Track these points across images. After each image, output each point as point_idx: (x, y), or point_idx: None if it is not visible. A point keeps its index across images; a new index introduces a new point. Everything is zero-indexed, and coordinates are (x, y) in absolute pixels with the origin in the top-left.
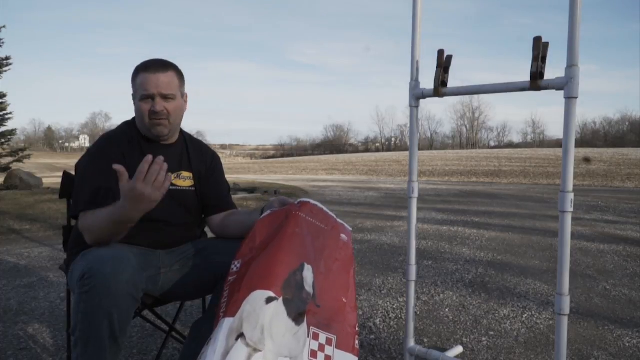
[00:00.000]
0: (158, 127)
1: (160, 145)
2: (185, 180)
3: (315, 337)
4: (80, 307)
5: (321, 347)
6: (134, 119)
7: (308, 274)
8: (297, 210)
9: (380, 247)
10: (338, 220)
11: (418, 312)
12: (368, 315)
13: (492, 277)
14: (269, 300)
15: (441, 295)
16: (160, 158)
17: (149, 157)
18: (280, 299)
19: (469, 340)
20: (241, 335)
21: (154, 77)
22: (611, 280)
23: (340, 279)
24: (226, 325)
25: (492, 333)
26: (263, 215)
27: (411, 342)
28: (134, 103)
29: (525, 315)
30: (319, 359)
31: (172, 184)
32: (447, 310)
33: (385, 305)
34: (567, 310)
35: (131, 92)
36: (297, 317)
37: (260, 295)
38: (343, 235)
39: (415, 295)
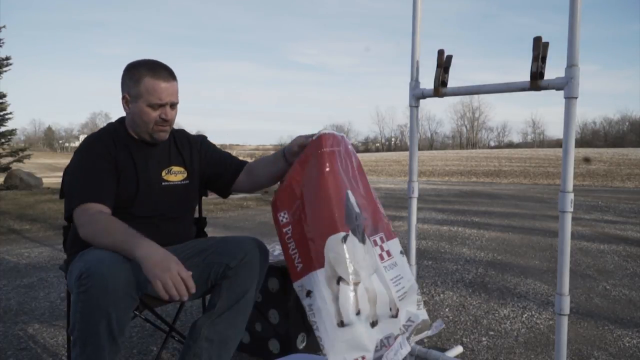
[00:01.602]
0: (162, 134)
1: (149, 144)
2: (176, 174)
3: (375, 243)
4: (78, 307)
5: (381, 248)
6: (119, 120)
7: (352, 198)
8: (320, 148)
9: None
10: (336, 133)
11: None
12: None
13: (492, 277)
14: (344, 239)
15: (441, 295)
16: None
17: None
18: (350, 233)
19: (469, 340)
20: (340, 279)
21: (169, 86)
22: (611, 280)
23: (364, 183)
24: (321, 276)
25: (492, 333)
26: (291, 162)
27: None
28: (133, 105)
29: (525, 315)
30: (384, 258)
31: (164, 180)
32: (447, 310)
33: None
34: (567, 310)
35: (124, 91)
36: (362, 238)
37: (335, 239)
38: (350, 146)
39: None
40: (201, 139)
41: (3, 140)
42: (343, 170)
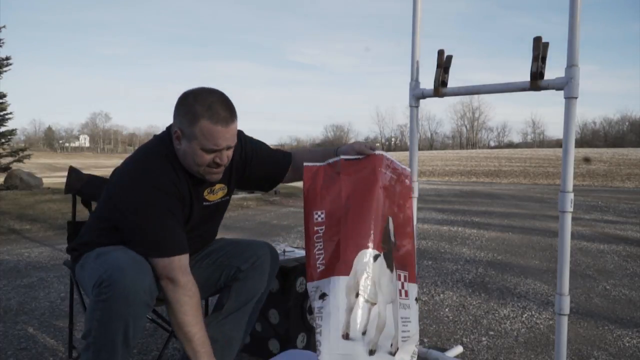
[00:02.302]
0: (214, 175)
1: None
2: (217, 193)
3: (399, 277)
4: (96, 315)
5: (402, 285)
6: (168, 140)
7: (391, 225)
8: (380, 166)
9: None
10: (403, 166)
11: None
12: None
13: (492, 277)
14: (375, 257)
15: (441, 295)
16: None
17: None
18: (382, 255)
19: (469, 340)
20: (359, 293)
21: (228, 130)
22: (611, 280)
23: (406, 218)
24: (342, 283)
25: (492, 333)
26: (344, 159)
27: None
28: (185, 144)
29: (525, 315)
30: (402, 295)
31: (205, 200)
32: (447, 310)
33: None
34: (567, 310)
35: (177, 125)
36: (391, 265)
37: (367, 254)
38: (406, 180)
39: None
40: (247, 145)
41: (3, 140)
42: (392, 198)
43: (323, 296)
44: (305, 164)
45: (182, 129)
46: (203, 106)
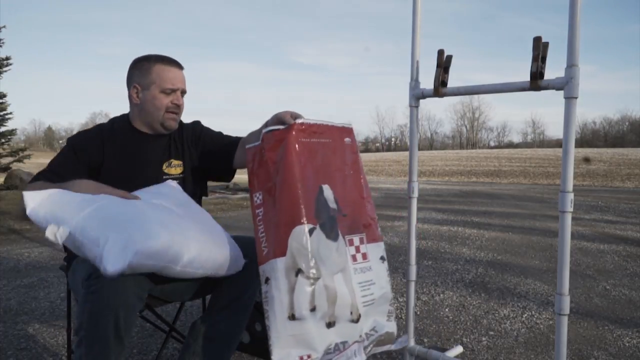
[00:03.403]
0: (172, 121)
1: (149, 137)
2: (175, 168)
3: (351, 242)
4: (86, 307)
5: (357, 249)
6: (122, 115)
7: (328, 192)
8: (295, 139)
9: None
10: (337, 124)
11: (418, 312)
12: None
13: (492, 277)
14: (311, 231)
15: (441, 295)
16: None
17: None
18: (318, 226)
19: (469, 340)
20: (299, 271)
21: (180, 73)
22: (611, 280)
23: (355, 180)
24: (280, 265)
25: (492, 333)
26: (264, 133)
27: (411, 342)
28: (144, 94)
29: (525, 315)
30: (358, 260)
31: (164, 173)
32: (447, 310)
33: None
34: (567, 310)
35: (134, 83)
36: (333, 234)
37: (300, 230)
38: (347, 139)
39: (415, 295)
40: (198, 126)
41: (3, 140)
42: (325, 162)
43: (267, 280)
44: (247, 146)
45: (139, 81)
46: (155, 57)
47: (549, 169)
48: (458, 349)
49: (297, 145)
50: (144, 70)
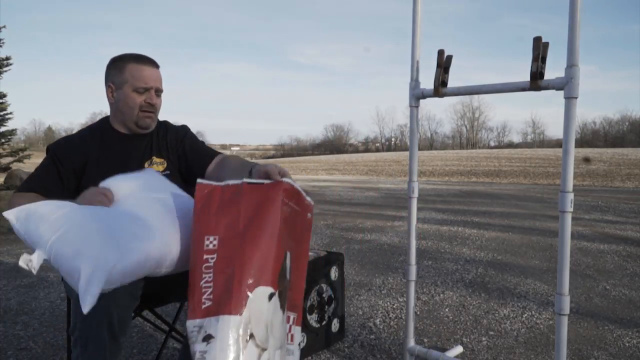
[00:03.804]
0: (147, 120)
1: (132, 137)
2: (158, 165)
3: (288, 319)
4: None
5: (290, 329)
6: (103, 118)
7: (287, 261)
8: (284, 196)
9: (380, 247)
10: (307, 198)
11: (418, 312)
12: (368, 315)
13: (492, 277)
14: (271, 296)
15: (441, 295)
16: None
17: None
18: (277, 293)
19: (469, 340)
20: (252, 336)
21: (154, 71)
22: (611, 280)
23: (304, 257)
24: (232, 323)
25: (492, 333)
26: (247, 183)
27: (411, 342)
28: (118, 93)
29: (525, 315)
30: (289, 340)
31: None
32: (447, 310)
33: (385, 305)
34: (567, 310)
35: (109, 81)
36: (283, 306)
37: (263, 292)
38: (309, 214)
39: (415, 295)
40: (183, 129)
41: (3, 140)
42: (292, 231)
43: (208, 338)
44: (198, 180)
45: (114, 80)
46: (129, 56)
47: (549, 169)
48: (458, 349)
49: (282, 206)
50: (118, 69)
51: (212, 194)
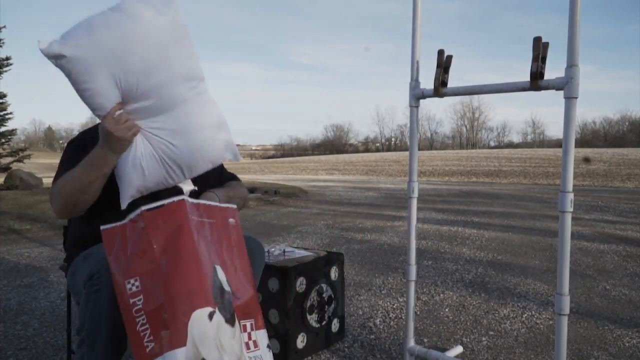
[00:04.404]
0: None
1: None
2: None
3: (244, 328)
4: (88, 307)
5: (249, 336)
6: None
7: (221, 274)
8: (187, 216)
9: (380, 247)
10: (221, 205)
11: (418, 312)
12: (368, 315)
13: (492, 277)
14: (211, 315)
15: (441, 295)
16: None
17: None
18: (217, 310)
19: (469, 340)
20: None
21: None
22: (611, 280)
23: (243, 262)
24: (180, 356)
25: (492, 333)
26: (145, 211)
27: (411, 342)
28: None
29: (525, 315)
30: (250, 347)
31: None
32: (447, 310)
33: (385, 305)
34: (567, 310)
35: None
36: (231, 319)
37: (201, 313)
38: (231, 220)
39: (415, 295)
40: None
41: (3, 140)
42: (214, 243)
43: None
44: (102, 227)
45: None
46: None
47: (549, 169)
48: (458, 349)
49: (192, 224)
50: None
51: (118, 235)
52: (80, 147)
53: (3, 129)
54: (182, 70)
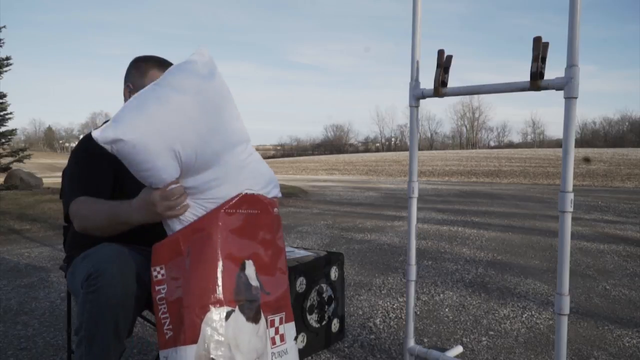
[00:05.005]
0: None
1: None
2: None
3: (272, 323)
4: (86, 307)
5: (276, 330)
6: None
7: (250, 269)
8: (219, 210)
9: (380, 247)
10: (265, 196)
11: (418, 312)
12: (368, 315)
13: (492, 277)
14: (228, 315)
15: (441, 295)
16: (181, 187)
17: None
18: (237, 309)
19: (469, 340)
20: None
21: None
22: (611, 280)
23: (278, 253)
24: (190, 354)
25: (492, 333)
26: None
27: (411, 342)
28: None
29: (525, 315)
30: (276, 343)
31: None
32: (447, 310)
33: (385, 305)
34: (567, 310)
35: (128, 81)
36: (254, 316)
37: (217, 313)
38: (274, 209)
39: (415, 295)
40: None
41: (3, 140)
42: (249, 236)
43: None
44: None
45: (133, 81)
46: (153, 60)
47: (549, 169)
48: (458, 349)
49: (221, 217)
50: (139, 71)
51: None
52: (92, 162)
53: (3, 129)
54: (234, 134)
